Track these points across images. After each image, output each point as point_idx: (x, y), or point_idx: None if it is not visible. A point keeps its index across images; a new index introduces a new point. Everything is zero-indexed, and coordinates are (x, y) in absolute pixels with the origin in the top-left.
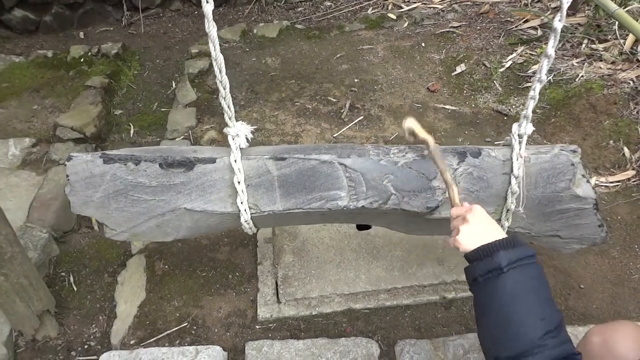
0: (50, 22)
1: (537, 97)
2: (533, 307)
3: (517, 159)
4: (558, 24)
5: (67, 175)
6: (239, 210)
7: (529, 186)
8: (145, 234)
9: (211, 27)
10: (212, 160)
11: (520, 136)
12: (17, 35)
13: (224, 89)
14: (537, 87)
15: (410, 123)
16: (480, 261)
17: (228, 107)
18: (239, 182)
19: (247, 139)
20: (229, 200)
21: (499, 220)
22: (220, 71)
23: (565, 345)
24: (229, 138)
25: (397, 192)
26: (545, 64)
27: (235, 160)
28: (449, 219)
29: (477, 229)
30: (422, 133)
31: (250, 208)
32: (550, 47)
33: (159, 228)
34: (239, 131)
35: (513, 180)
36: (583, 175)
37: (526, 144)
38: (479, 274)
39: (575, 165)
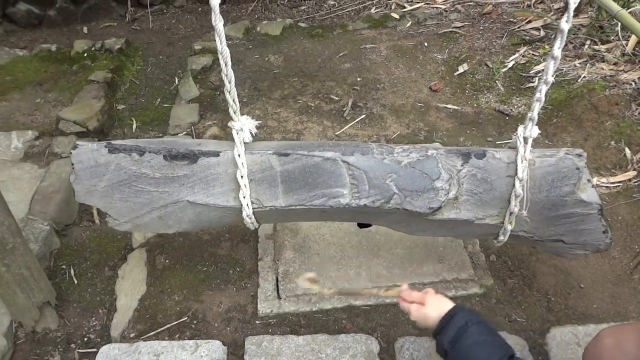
0: (55, 16)
1: (543, 99)
2: None
3: (522, 162)
4: (565, 24)
5: (72, 164)
6: (241, 205)
7: (533, 189)
8: (147, 225)
9: (217, 21)
10: (216, 154)
11: (525, 139)
12: (21, 29)
13: (229, 82)
14: (543, 89)
15: None
16: (436, 345)
17: (233, 100)
18: (242, 177)
19: (251, 133)
20: (231, 194)
21: (501, 224)
22: (225, 64)
23: None
24: (233, 132)
25: (400, 191)
26: (551, 66)
27: (239, 155)
28: (452, 220)
29: (424, 321)
30: None
31: (252, 203)
32: (557, 49)
33: (161, 220)
34: (243, 125)
35: (517, 183)
36: (588, 180)
37: (531, 147)
38: (441, 355)
39: (581, 170)
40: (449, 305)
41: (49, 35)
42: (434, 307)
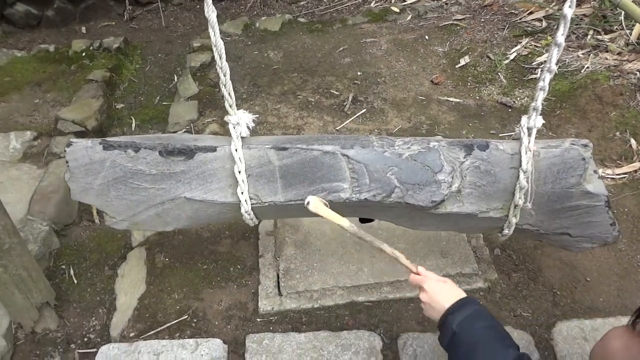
0: (53, 16)
1: (547, 88)
2: (486, 353)
3: (526, 153)
4: (568, 10)
5: (67, 161)
6: (239, 201)
7: (538, 181)
8: (145, 222)
9: (210, 12)
10: (213, 149)
11: (529, 129)
12: (20, 30)
13: (224, 75)
14: (547, 77)
15: (314, 207)
16: (441, 333)
17: (229, 94)
18: (239, 172)
19: (248, 127)
20: (229, 190)
21: (506, 217)
22: (220, 57)
23: None
24: (230, 126)
25: (401, 184)
26: (555, 53)
27: (236, 150)
28: (455, 213)
29: (434, 299)
30: (332, 217)
31: (250, 198)
32: (560, 35)
33: (159, 217)
34: (239, 119)
35: (521, 175)
36: (595, 171)
37: (535, 137)
38: (444, 342)
39: (587, 160)
40: (461, 292)
41: (47, 35)
42: (448, 288)
